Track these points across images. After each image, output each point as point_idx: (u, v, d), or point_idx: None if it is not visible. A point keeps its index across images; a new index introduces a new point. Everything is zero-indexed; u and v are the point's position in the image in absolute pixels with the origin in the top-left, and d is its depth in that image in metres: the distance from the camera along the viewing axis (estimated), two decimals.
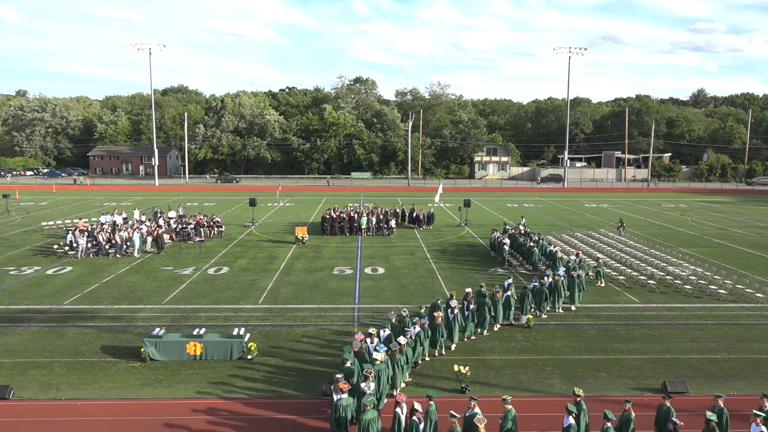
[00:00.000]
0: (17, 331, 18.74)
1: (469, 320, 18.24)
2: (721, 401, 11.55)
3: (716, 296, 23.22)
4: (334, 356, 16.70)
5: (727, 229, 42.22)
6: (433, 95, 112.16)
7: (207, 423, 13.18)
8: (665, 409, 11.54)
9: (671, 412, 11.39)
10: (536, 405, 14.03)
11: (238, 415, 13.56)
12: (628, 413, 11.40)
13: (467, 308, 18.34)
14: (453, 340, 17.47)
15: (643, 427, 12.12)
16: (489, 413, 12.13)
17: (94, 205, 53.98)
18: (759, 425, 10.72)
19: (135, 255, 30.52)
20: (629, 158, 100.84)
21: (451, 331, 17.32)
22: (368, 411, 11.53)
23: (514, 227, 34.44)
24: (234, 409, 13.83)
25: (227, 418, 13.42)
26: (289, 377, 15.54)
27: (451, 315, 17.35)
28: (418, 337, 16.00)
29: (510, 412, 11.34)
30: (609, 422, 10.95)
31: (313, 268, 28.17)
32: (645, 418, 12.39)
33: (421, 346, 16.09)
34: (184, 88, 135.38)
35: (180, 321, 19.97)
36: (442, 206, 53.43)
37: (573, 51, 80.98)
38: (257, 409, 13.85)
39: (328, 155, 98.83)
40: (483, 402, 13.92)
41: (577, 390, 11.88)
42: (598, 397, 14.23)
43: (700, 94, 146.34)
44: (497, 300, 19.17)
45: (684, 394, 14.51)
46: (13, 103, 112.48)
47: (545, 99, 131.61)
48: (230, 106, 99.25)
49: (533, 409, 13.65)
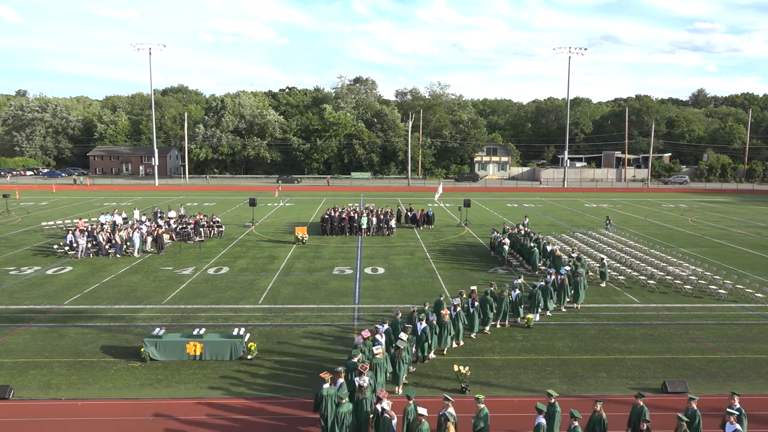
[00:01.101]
0: (17, 331, 18.74)
1: (474, 318, 18.43)
2: (695, 404, 11.51)
3: (716, 296, 23.22)
4: (334, 356, 16.71)
5: (727, 229, 42.22)
6: (433, 95, 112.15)
7: (207, 423, 13.18)
8: (638, 409, 11.51)
9: (644, 412, 11.36)
10: None
11: (238, 415, 13.56)
12: (599, 414, 11.32)
13: (471, 305, 18.53)
14: (458, 338, 17.68)
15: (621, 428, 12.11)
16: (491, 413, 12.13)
17: (94, 205, 53.97)
18: (733, 423, 10.77)
19: (135, 255, 30.51)
20: (629, 158, 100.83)
21: (456, 328, 17.54)
22: (343, 404, 11.73)
23: (514, 227, 34.45)
24: (234, 409, 13.82)
25: (227, 418, 13.42)
26: (289, 377, 15.54)
27: (454, 313, 17.54)
28: (424, 333, 16.21)
29: (482, 410, 11.46)
30: (576, 421, 10.90)
31: (313, 268, 28.16)
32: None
33: (427, 342, 16.29)
34: (184, 88, 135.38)
35: (180, 321, 19.97)
36: (442, 206, 53.44)
37: (573, 51, 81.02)
38: (257, 409, 13.84)
39: (328, 155, 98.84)
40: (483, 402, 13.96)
41: (551, 391, 11.94)
42: (598, 397, 14.18)
43: (700, 94, 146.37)
44: (503, 298, 19.34)
45: (684, 394, 14.49)
46: (13, 103, 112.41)
47: (545, 99, 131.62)
48: (230, 106, 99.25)
49: (533, 409, 13.61)
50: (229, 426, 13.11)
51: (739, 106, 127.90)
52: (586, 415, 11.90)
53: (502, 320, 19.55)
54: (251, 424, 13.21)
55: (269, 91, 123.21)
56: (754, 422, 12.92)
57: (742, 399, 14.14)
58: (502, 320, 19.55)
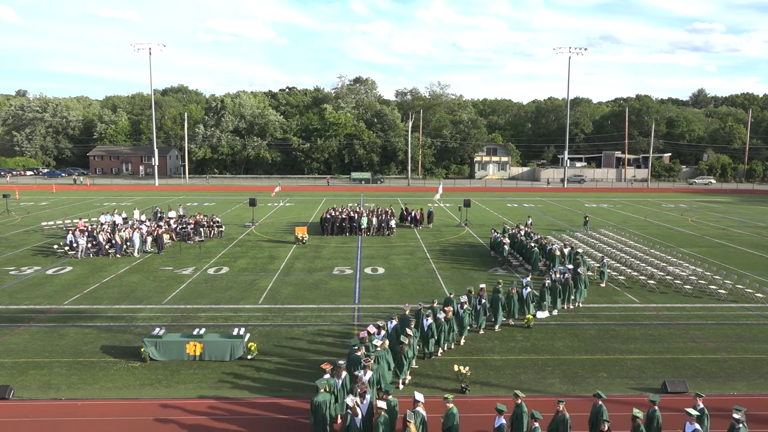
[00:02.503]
0: (17, 331, 18.74)
1: (481, 314, 18.85)
2: (656, 405, 11.52)
3: (716, 296, 23.22)
4: (335, 356, 16.68)
5: (727, 229, 42.21)
6: (433, 95, 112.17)
7: (207, 423, 13.18)
8: (597, 408, 11.52)
9: (603, 411, 11.37)
10: (536, 405, 13.99)
11: (238, 415, 13.56)
12: (562, 414, 11.30)
13: (479, 303, 18.91)
14: (462, 334, 17.97)
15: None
16: (490, 413, 12.16)
17: (94, 205, 53.97)
18: (693, 423, 10.82)
19: (135, 255, 30.51)
20: (629, 158, 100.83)
21: (462, 325, 17.86)
22: (320, 394, 11.82)
23: (514, 227, 34.44)
24: (234, 409, 13.82)
25: (227, 418, 13.41)
26: (289, 377, 15.54)
27: (461, 310, 17.82)
28: (429, 329, 16.50)
29: (451, 410, 11.51)
30: (536, 422, 10.91)
31: (313, 268, 28.16)
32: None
33: (433, 338, 16.58)
34: (184, 88, 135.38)
35: (180, 321, 19.97)
36: (442, 206, 53.44)
37: (573, 51, 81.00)
38: (257, 409, 13.84)
39: (328, 155, 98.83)
40: (483, 402, 13.97)
41: (518, 392, 11.97)
42: (561, 397, 14.17)
43: (700, 94, 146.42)
44: (512, 296, 19.63)
45: (684, 394, 14.51)
46: (13, 103, 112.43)
47: (545, 99, 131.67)
48: (230, 106, 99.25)
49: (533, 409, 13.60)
50: (230, 426, 13.09)
51: (739, 106, 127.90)
52: (582, 413, 11.91)
53: (514, 317, 19.86)
54: (251, 424, 13.20)
55: (269, 91, 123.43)
56: (755, 422, 12.92)
57: (742, 399, 14.17)
58: (514, 317, 19.86)
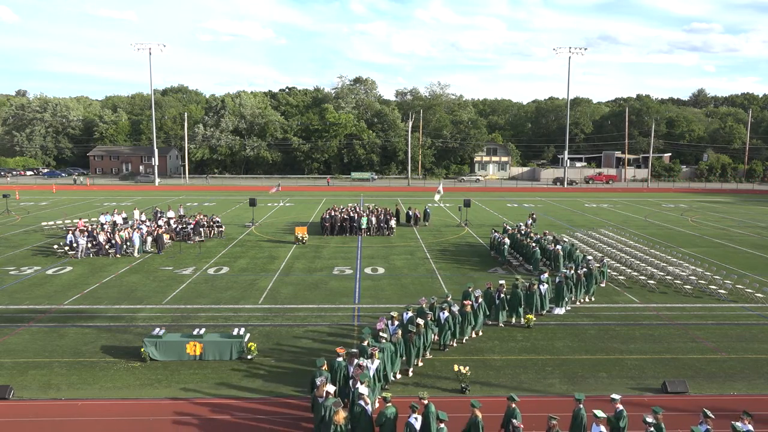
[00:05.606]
0: (17, 331, 18.74)
1: (500, 308, 19.41)
2: (581, 404, 11.66)
3: (716, 296, 23.22)
4: (335, 356, 16.66)
5: (727, 229, 42.22)
6: (433, 95, 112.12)
7: (207, 423, 13.18)
8: (510, 410, 11.61)
9: (515, 414, 11.47)
10: (536, 405, 14.02)
11: (239, 414, 13.56)
12: (475, 416, 11.33)
13: (498, 298, 19.42)
14: (477, 329, 18.45)
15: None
16: (490, 413, 12.17)
17: (94, 205, 53.97)
18: (599, 425, 11.00)
19: (135, 255, 30.51)
20: (629, 158, 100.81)
21: (476, 319, 18.24)
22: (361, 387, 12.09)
23: (514, 227, 34.44)
24: (234, 408, 13.82)
25: (227, 418, 13.41)
26: (289, 377, 15.54)
27: (476, 304, 18.28)
28: (447, 322, 17.00)
29: (429, 407, 11.63)
30: (443, 423, 10.94)
31: (313, 268, 28.16)
32: (634, 418, 12.29)
33: (450, 330, 17.09)
34: (184, 88, 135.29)
35: (180, 321, 19.97)
36: (441, 206, 53.43)
37: (572, 51, 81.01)
38: (257, 409, 13.84)
39: (328, 155, 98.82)
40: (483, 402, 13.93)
41: (422, 393, 12.06)
42: (598, 397, 14.20)
43: (700, 94, 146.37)
44: (533, 292, 20.13)
45: (684, 394, 14.51)
46: (13, 103, 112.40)
47: (545, 99, 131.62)
48: (230, 106, 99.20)
49: (533, 409, 13.64)
50: (229, 426, 13.10)
51: (739, 106, 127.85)
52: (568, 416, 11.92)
53: (539, 312, 20.35)
54: (251, 423, 13.20)
55: (269, 91, 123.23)
56: (754, 422, 12.89)
57: (743, 399, 14.16)
58: (539, 312, 20.35)
